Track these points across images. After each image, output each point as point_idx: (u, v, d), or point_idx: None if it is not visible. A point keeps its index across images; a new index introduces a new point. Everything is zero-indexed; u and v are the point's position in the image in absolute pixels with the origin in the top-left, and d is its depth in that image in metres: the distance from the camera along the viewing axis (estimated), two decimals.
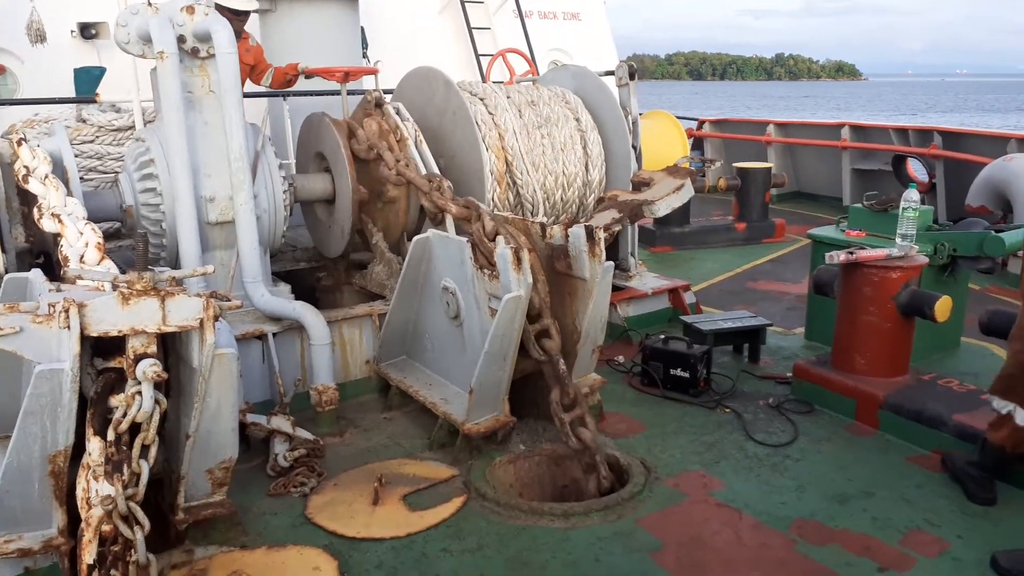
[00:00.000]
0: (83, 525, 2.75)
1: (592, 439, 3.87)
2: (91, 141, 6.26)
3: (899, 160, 10.77)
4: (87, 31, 8.20)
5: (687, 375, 4.87)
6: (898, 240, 4.66)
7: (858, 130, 11.62)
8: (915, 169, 10.99)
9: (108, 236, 5.05)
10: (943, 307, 4.30)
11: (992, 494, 3.63)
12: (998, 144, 9.46)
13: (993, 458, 3.63)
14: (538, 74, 8.99)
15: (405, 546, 3.38)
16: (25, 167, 4.02)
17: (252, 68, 6.14)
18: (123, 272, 2.91)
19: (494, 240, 4.06)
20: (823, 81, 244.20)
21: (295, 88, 6.58)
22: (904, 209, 4.67)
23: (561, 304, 4.24)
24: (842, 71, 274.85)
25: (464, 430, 4.05)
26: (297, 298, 4.91)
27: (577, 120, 5.91)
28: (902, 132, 10.98)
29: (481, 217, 4.24)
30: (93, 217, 3.83)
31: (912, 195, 4.74)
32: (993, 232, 5.10)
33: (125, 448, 2.78)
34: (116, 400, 2.81)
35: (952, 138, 10.26)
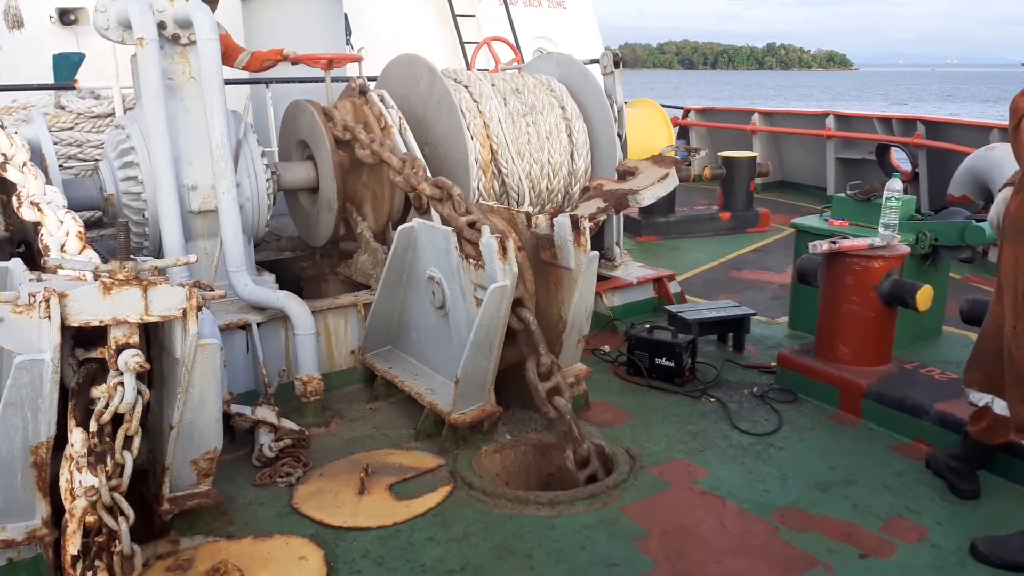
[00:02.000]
0: (67, 516, 2.74)
1: (567, 407, 3.90)
2: (70, 128, 6.18)
3: (883, 149, 10.84)
4: (66, 17, 8.07)
5: (672, 364, 4.89)
6: (881, 229, 4.69)
7: (842, 119, 11.66)
8: (898, 158, 11.07)
9: (89, 225, 5.01)
10: (925, 296, 4.34)
11: (976, 486, 3.64)
12: (981, 134, 9.52)
13: (976, 451, 3.65)
14: (523, 62, 8.96)
15: (391, 535, 3.38)
16: (3, 155, 3.95)
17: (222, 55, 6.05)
18: (105, 261, 2.89)
19: (467, 216, 4.07)
20: (814, 71, 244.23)
21: (278, 75, 6.50)
22: (887, 199, 4.70)
23: (546, 294, 4.24)
24: (833, 61, 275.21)
25: (450, 420, 4.05)
26: (282, 288, 4.88)
27: (562, 108, 5.89)
28: (886, 121, 11.04)
29: (452, 196, 4.23)
30: (73, 206, 3.79)
31: (895, 185, 4.77)
32: (974, 222, 5.15)
33: (108, 439, 2.77)
34: (98, 391, 2.79)
35: (935, 128, 10.33)
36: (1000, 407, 3.43)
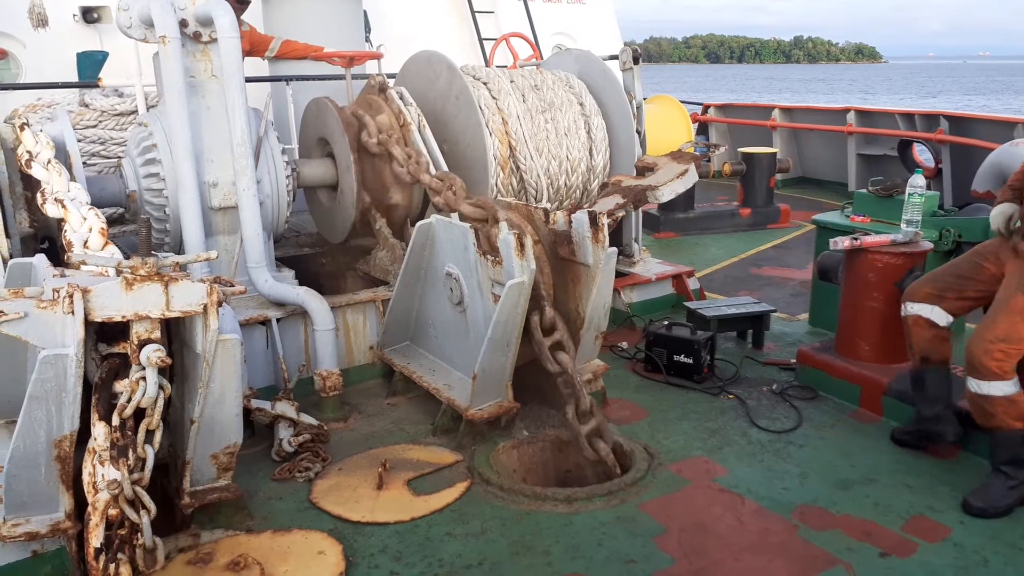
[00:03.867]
0: (90, 509, 2.78)
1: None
2: (94, 126, 6.25)
3: (905, 145, 10.71)
4: (89, 15, 8.17)
5: (691, 361, 4.87)
6: (903, 226, 4.64)
7: (864, 115, 11.54)
8: (921, 154, 10.94)
9: (111, 221, 5.06)
10: None
11: (960, 428, 3.83)
12: (1005, 129, 9.39)
13: (930, 373, 3.90)
14: (542, 58, 8.95)
15: (409, 530, 3.40)
16: (28, 152, 4.02)
17: (248, 53, 6.11)
18: (127, 258, 2.92)
19: (469, 201, 4.13)
20: (842, 64, 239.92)
21: (298, 72, 6.54)
22: (909, 195, 4.65)
23: (565, 290, 4.23)
24: (862, 54, 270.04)
25: (468, 416, 4.06)
26: (301, 284, 4.91)
27: (581, 105, 5.88)
28: (908, 117, 10.91)
29: (453, 185, 4.28)
30: (96, 202, 3.83)
31: (918, 180, 4.72)
32: None
33: (130, 433, 2.80)
34: (120, 385, 2.82)
35: (958, 123, 10.19)
36: (937, 315, 3.85)
